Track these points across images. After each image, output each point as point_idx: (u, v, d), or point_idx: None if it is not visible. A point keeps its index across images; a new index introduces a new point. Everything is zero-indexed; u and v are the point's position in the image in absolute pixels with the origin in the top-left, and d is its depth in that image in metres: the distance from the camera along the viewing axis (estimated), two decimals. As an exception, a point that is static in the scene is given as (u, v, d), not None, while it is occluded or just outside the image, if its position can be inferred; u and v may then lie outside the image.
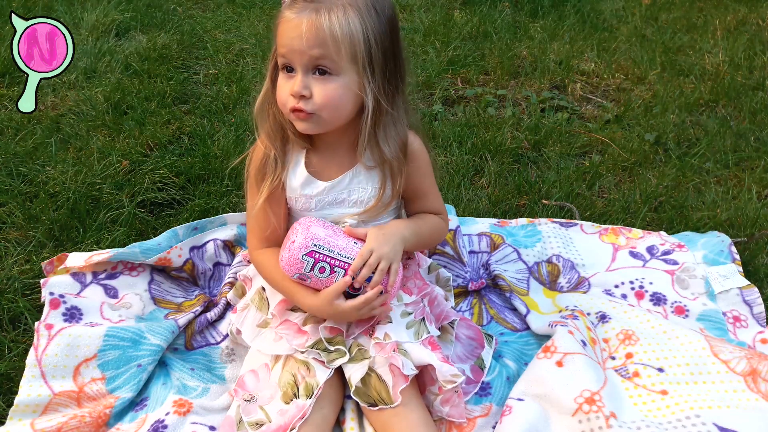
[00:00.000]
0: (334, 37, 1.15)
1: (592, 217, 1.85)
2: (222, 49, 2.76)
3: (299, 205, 1.31)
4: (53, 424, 1.19)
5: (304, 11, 1.15)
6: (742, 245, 1.71)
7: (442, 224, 1.41)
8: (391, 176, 1.29)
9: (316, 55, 1.15)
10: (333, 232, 1.23)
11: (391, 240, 1.24)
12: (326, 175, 1.30)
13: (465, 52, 2.80)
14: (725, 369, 1.30)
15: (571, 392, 1.22)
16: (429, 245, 1.50)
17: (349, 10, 1.16)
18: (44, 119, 2.14)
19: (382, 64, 1.20)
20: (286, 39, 1.17)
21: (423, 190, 1.37)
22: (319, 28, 1.14)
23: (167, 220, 1.75)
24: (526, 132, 2.24)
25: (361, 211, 1.30)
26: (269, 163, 1.29)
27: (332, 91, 1.18)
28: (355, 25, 1.16)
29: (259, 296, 1.37)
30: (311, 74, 1.18)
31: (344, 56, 1.16)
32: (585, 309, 1.49)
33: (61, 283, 1.44)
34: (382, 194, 1.30)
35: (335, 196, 1.30)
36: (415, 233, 1.31)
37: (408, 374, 1.19)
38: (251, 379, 1.25)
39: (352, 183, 1.30)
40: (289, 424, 1.15)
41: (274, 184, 1.29)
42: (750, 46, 2.94)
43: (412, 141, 1.32)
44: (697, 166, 2.09)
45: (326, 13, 1.14)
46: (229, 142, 2.05)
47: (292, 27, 1.16)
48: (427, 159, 1.37)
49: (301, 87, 1.18)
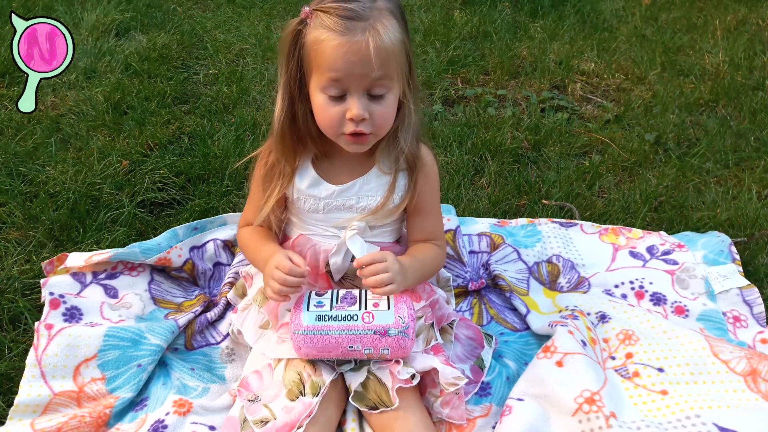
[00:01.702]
0: (394, 53, 1.11)
1: (592, 217, 1.85)
2: (222, 49, 2.76)
3: (307, 206, 1.29)
4: (53, 424, 1.19)
5: (356, 30, 1.08)
6: (742, 245, 1.71)
7: (441, 257, 1.37)
8: (408, 177, 1.27)
9: (379, 76, 1.11)
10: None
11: (404, 272, 1.22)
12: (336, 180, 1.28)
13: (465, 52, 2.80)
14: (725, 369, 1.30)
15: (571, 392, 1.22)
16: (424, 281, 1.41)
17: (390, 17, 1.11)
18: (44, 119, 2.14)
19: (412, 63, 1.18)
20: (341, 63, 1.09)
21: (426, 206, 1.33)
22: (381, 47, 1.08)
23: (167, 220, 1.75)
24: (526, 132, 2.24)
25: (367, 213, 1.28)
26: (278, 171, 1.27)
27: (389, 109, 1.16)
28: (399, 33, 1.13)
29: (262, 296, 1.37)
30: (366, 95, 1.14)
31: (396, 69, 1.13)
32: (585, 309, 1.49)
33: (61, 283, 1.44)
34: (388, 199, 1.27)
35: (343, 201, 1.28)
36: (419, 276, 1.30)
37: (405, 378, 1.19)
38: (255, 379, 1.25)
39: (362, 190, 1.28)
40: (296, 422, 1.14)
41: (280, 194, 1.28)
42: (750, 46, 2.94)
43: (426, 153, 1.30)
44: (697, 166, 2.09)
45: (383, 28, 1.08)
46: (229, 142, 2.05)
47: (350, 51, 1.08)
48: (437, 176, 1.35)
49: (363, 111, 1.13)
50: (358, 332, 1.17)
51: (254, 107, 2.33)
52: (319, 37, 1.11)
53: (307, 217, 1.31)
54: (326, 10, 1.11)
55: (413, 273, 1.26)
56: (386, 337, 1.17)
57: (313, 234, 1.31)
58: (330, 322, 1.17)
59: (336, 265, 1.29)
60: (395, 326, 1.17)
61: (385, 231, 1.33)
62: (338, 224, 1.29)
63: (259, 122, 2.20)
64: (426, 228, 1.35)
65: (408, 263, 1.26)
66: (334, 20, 1.09)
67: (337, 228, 1.30)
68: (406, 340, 1.18)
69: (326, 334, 1.17)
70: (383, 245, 1.32)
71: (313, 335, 1.17)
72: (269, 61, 2.66)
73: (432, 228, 1.36)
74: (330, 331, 1.17)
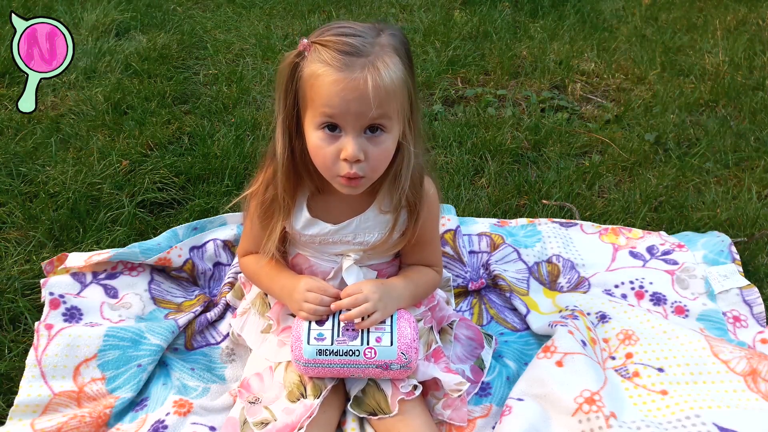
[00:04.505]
0: (394, 92, 1.05)
1: (592, 217, 1.85)
2: (222, 49, 2.76)
3: (302, 240, 1.26)
4: (53, 424, 1.19)
5: (355, 67, 1.02)
6: (742, 245, 1.71)
7: (436, 281, 1.34)
8: (408, 217, 1.22)
9: (377, 115, 1.04)
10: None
11: (387, 295, 1.19)
12: (331, 218, 1.23)
13: (465, 52, 2.80)
14: (725, 369, 1.30)
15: (571, 392, 1.22)
16: (419, 302, 1.35)
17: (392, 55, 1.06)
18: (44, 119, 2.14)
19: (415, 103, 1.12)
20: (337, 100, 1.03)
21: (426, 238, 1.27)
22: (381, 85, 1.02)
23: (167, 220, 1.75)
24: (526, 132, 2.24)
25: (365, 248, 1.25)
26: (278, 207, 1.22)
27: (386, 150, 1.10)
28: (401, 71, 1.07)
29: (261, 300, 1.37)
30: (363, 134, 1.07)
31: (396, 109, 1.07)
32: (585, 309, 1.49)
33: (61, 283, 1.44)
34: (389, 238, 1.23)
35: (339, 238, 1.24)
36: (412, 295, 1.26)
37: (408, 390, 1.19)
38: (255, 381, 1.25)
39: (359, 228, 1.23)
40: (297, 423, 1.14)
41: (281, 228, 1.23)
42: (750, 46, 2.94)
43: (429, 187, 1.25)
44: (697, 166, 2.09)
45: (383, 65, 1.03)
46: (229, 142, 2.05)
47: (347, 88, 1.02)
48: (438, 207, 1.30)
49: (358, 151, 1.06)
50: (359, 366, 1.17)
51: (254, 107, 2.33)
52: (315, 72, 1.05)
53: (304, 246, 1.29)
54: (325, 44, 1.05)
55: (407, 294, 1.24)
56: (388, 370, 1.17)
57: (312, 256, 1.29)
58: (331, 357, 1.16)
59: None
60: (398, 362, 1.16)
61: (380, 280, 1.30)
62: (335, 254, 1.27)
63: (259, 122, 2.20)
64: (424, 257, 1.31)
65: (402, 285, 1.23)
66: (332, 55, 1.03)
67: (334, 255, 1.27)
68: (408, 371, 1.18)
69: (327, 367, 1.17)
70: (380, 266, 1.30)
71: (313, 367, 1.17)
72: (269, 61, 2.66)
73: (429, 257, 1.32)
74: (331, 365, 1.17)
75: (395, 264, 1.34)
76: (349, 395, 1.23)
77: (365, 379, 1.22)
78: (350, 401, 1.22)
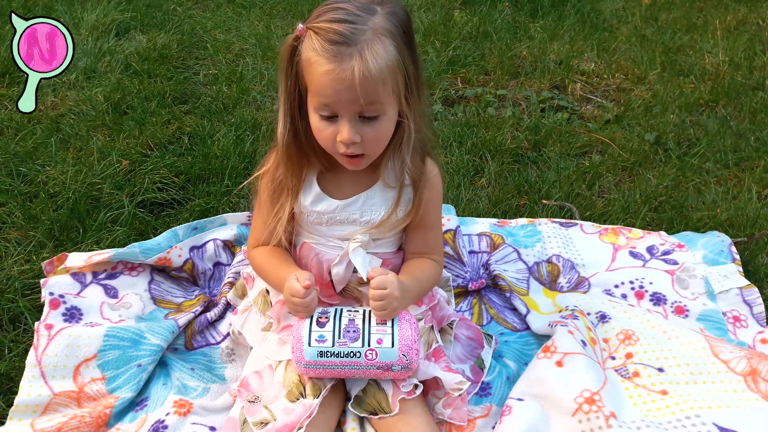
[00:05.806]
0: (382, 80, 1.08)
1: (592, 217, 1.85)
2: (222, 49, 2.76)
3: (310, 219, 1.28)
4: (53, 424, 1.19)
5: (344, 57, 1.06)
6: (742, 245, 1.71)
7: (438, 273, 1.35)
8: (413, 195, 1.25)
9: (367, 102, 1.09)
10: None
11: (403, 295, 1.20)
12: (339, 194, 1.27)
13: (465, 52, 2.80)
14: (725, 369, 1.30)
15: (571, 392, 1.22)
16: (420, 299, 1.37)
17: (384, 40, 1.08)
18: (44, 119, 2.14)
19: (414, 80, 1.15)
20: (329, 90, 1.08)
21: (427, 221, 1.30)
22: (368, 76, 1.06)
23: (167, 220, 1.75)
24: (526, 132, 2.24)
25: (370, 227, 1.27)
26: (286, 188, 1.26)
27: (381, 131, 1.14)
28: (394, 55, 1.09)
29: (263, 299, 1.37)
30: (358, 118, 1.12)
31: (389, 92, 1.11)
32: (585, 309, 1.49)
33: (61, 283, 1.44)
34: (393, 213, 1.25)
35: (347, 216, 1.27)
36: (417, 294, 1.29)
37: (408, 390, 1.19)
38: (255, 380, 1.25)
39: (366, 204, 1.26)
40: (296, 423, 1.14)
41: (289, 210, 1.26)
42: (750, 46, 2.94)
43: (432, 168, 1.28)
44: (697, 166, 2.09)
45: (371, 55, 1.05)
46: (229, 142, 2.05)
47: (336, 79, 1.07)
48: (441, 191, 1.33)
49: (352, 135, 1.12)
50: (360, 367, 1.17)
51: (254, 107, 2.33)
52: (310, 59, 1.10)
53: (311, 229, 1.30)
54: (317, 31, 1.08)
55: (412, 293, 1.25)
56: (389, 371, 1.17)
57: (317, 243, 1.30)
58: (332, 358, 1.16)
59: (338, 275, 1.28)
60: (399, 363, 1.17)
61: (387, 242, 1.32)
62: (342, 236, 1.28)
63: (259, 122, 2.20)
64: (426, 243, 1.33)
65: (408, 284, 1.24)
66: (322, 44, 1.07)
67: (340, 239, 1.29)
68: (409, 372, 1.18)
69: (328, 368, 1.17)
70: (385, 255, 1.31)
71: (314, 369, 1.18)
72: (269, 61, 2.66)
73: (431, 243, 1.34)
74: (332, 366, 1.17)
75: (400, 255, 1.34)
76: (349, 395, 1.23)
77: (366, 379, 1.22)
78: (351, 401, 1.22)
